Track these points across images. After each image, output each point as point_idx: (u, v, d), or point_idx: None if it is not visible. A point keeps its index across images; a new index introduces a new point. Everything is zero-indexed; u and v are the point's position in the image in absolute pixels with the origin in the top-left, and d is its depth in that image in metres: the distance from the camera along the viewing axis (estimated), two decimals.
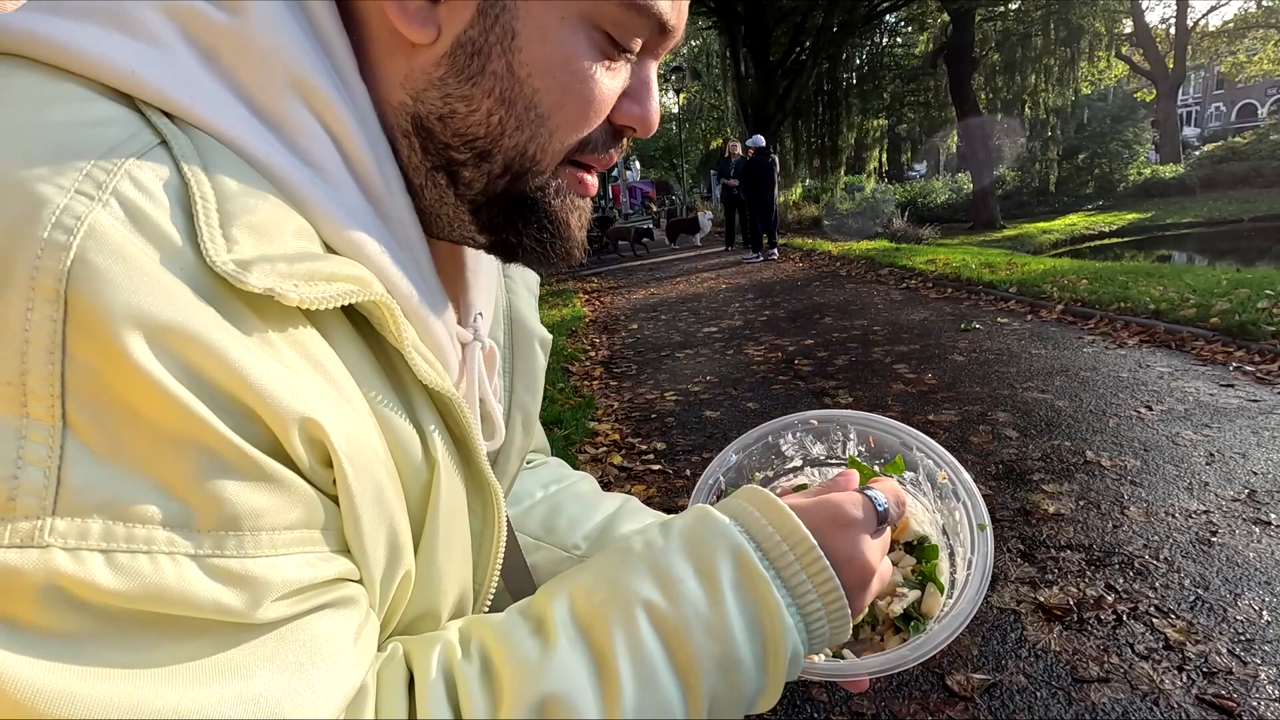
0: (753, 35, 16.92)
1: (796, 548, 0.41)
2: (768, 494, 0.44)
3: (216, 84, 0.34)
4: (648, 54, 0.43)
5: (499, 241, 0.45)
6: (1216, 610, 1.96)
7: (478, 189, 0.42)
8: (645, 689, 0.36)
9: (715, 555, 0.40)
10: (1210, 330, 4.45)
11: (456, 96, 0.39)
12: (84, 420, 0.27)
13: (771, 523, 0.42)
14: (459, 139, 0.41)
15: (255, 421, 0.30)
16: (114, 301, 0.27)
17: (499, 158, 0.41)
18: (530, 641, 0.37)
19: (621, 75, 0.42)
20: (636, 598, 0.39)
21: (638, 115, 0.44)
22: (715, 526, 0.42)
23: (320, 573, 0.33)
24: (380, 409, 0.37)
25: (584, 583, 0.40)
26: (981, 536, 0.51)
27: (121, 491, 0.27)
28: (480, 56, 0.38)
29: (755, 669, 0.39)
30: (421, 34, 0.38)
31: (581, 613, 0.39)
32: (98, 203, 0.28)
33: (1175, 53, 25.57)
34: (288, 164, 0.35)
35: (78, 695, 0.25)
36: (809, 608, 0.41)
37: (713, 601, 0.39)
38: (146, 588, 0.27)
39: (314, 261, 0.33)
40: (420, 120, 0.40)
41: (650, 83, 0.44)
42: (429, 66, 0.39)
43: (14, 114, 0.30)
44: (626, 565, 0.41)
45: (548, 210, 0.44)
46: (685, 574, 0.39)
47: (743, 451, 0.61)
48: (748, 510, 0.43)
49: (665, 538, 0.42)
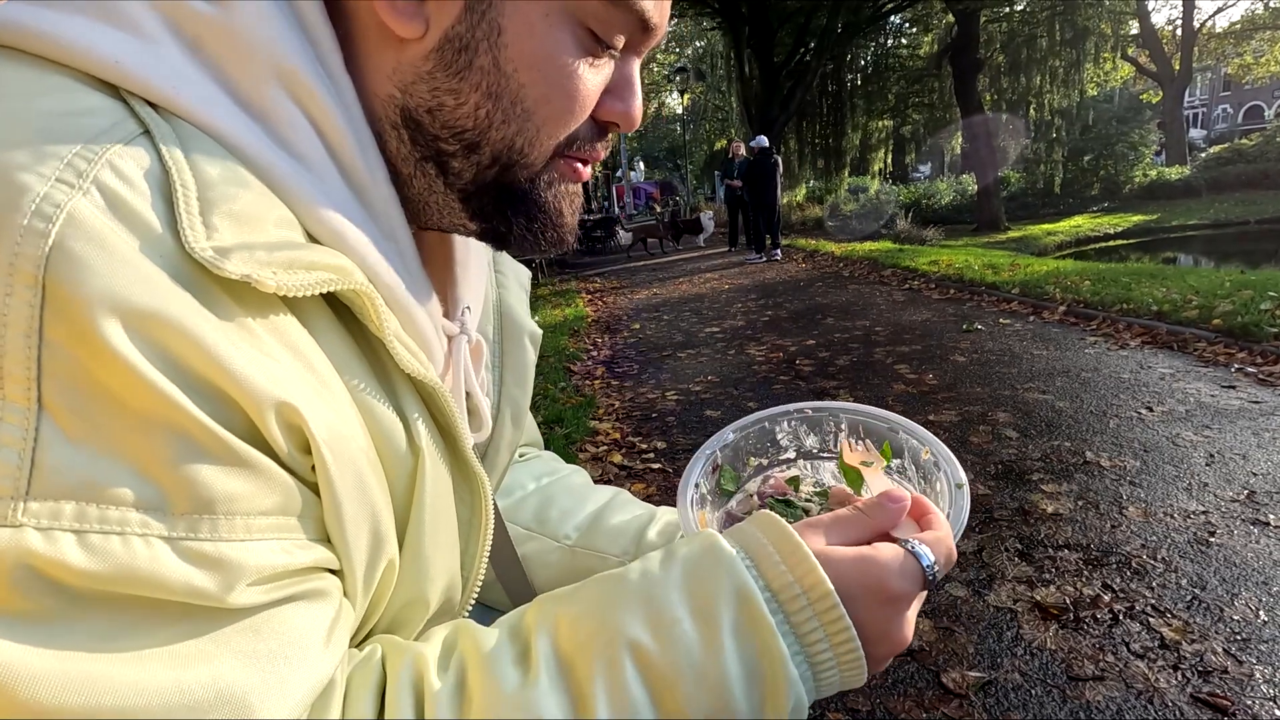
0: (757, 36, 16.89)
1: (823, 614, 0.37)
2: (785, 528, 0.40)
3: (201, 74, 0.35)
4: (630, 51, 0.44)
5: (489, 229, 0.46)
6: (1213, 610, 1.96)
7: (467, 179, 0.43)
8: None
9: (717, 594, 0.37)
10: (1213, 332, 4.43)
11: (444, 90, 0.40)
12: (59, 403, 0.27)
13: (791, 570, 0.38)
14: (447, 131, 0.41)
15: (231, 407, 0.31)
16: (91, 287, 0.27)
17: (487, 150, 0.42)
18: (511, 671, 0.36)
19: (604, 71, 0.43)
20: (623, 637, 0.36)
21: (620, 111, 0.45)
22: (720, 559, 0.38)
23: (296, 560, 0.33)
24: (363, 397, 0.38)
25: (572, 612, 0.38)
26: (959, 493, 0.51)
27: (95, 473, 0.28)
28: (468, 51, 0.39)
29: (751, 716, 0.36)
30: (410, 29, 0.39)
31: (565, 647, 0.37)
32: (78, 190, 0.28)
33: (1181, 54, 25.47)
34: (271, 154, 0.36)
35: (42, 675, 0.26)
36: (818, 657, 0.37)
37: (709, 647, 0.36)
38: (118, 568, 0.27)
39: (294, 250, 0.34)
40: (409, 112, 0.41)
41: (633, 79, 0.45)
42: (417, 60, 0.40)
43: (4, 105, 0.31)
44: (619, 597, 0.38)
45: (538, 200, 0.45)
46: (681, 614, 0.36)
47: (740, 432, 0.62)
48: (760, 544, 0.39)
49: (665, 568, 0.39)
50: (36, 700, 0.26)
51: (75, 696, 0.26)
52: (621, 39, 0.42)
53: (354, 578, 0.37)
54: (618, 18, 0.40)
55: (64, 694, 0.26)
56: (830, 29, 16.58)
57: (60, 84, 0.32)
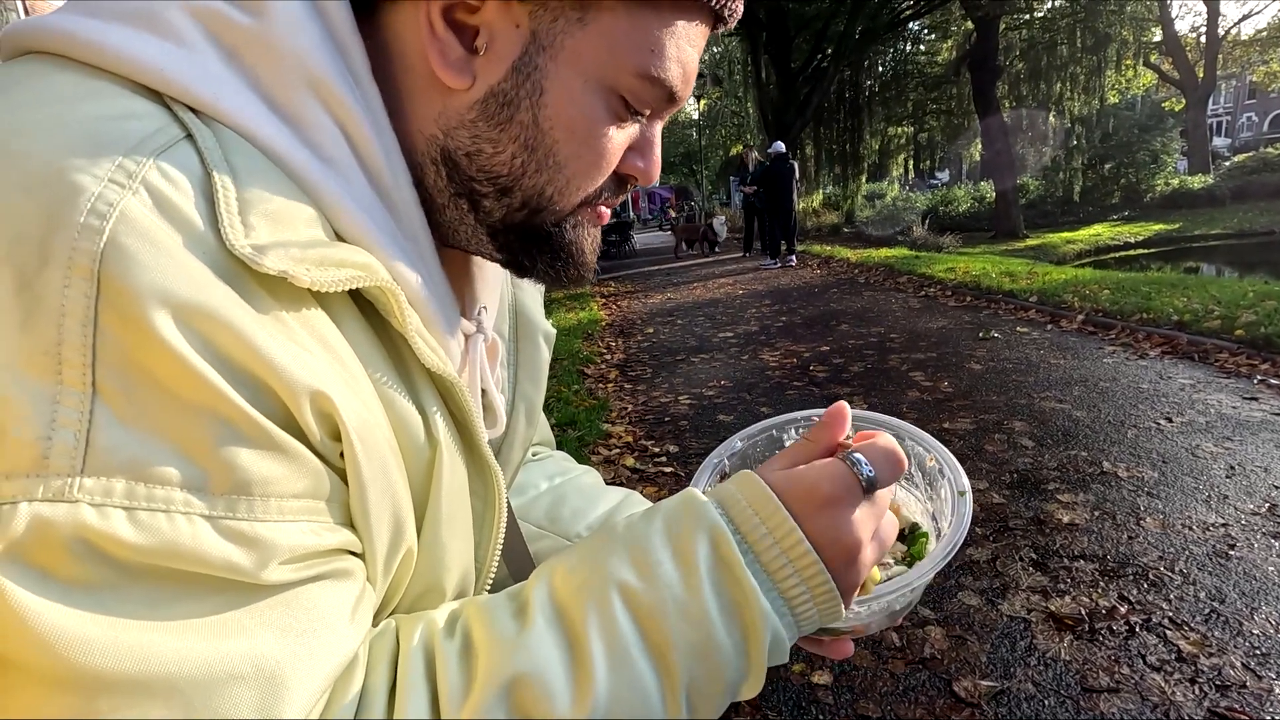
0: (774, 42, 16.88)
1: (775, 530, 0.40)
2: (752, 475, 0.43)
3: (238, 81, 0.37)
4: (655, 116, 0.48)
5: (513, 262, 0.49)
6: (1232, 624, 1.94)
7: (497, 217, 0.46)
8: (618, 671, 0.36)
9: (693, 536, 0.40)
10: (1235, 342, 4.37)
11: (485, 139, 0.43)
12: (111, 388, 0.29)
13: (750, 503, 0.41)
14: (483, 174, 0.44)
15: (269, 394, 0.32)
16: (142, 280, 0.29)
17: (519, 194, 0.45)
18: (510, 622, 0.38)
19: (630, 132, 0.46)
20: (612, 578, 0.38)
21: (640, 168, 0.49)
22: (696, 508, 0.41)
23: (323, 541, 0.35)
24: (385, 390, 0.39)
25: (566, 563, 0.41)
26: (960, 500, 0.51)
27: (143, 454, 0.29)
28: (510, 107, 0.42)
29: (735, 654, 0.38)
30: (458, 81, 0.41)
31: (559, 593, 0.39)
32: (128, 191, 0.30)
33: (1206, 61, 25.12)
34: (303, 156, 0.37)
35: (94, 641, 0.28)
36: (791, 591, 0.40)
37: (689, 585, 0.38)
38: (164, 543, 0.29)
39: (324, 248, 0.35)
40: (449, 153, 0.44)
41: (655, 141, 0.49)
42: (462, 109, 0.43)
43: (55, 109, 0.32)
44: (608, 546, 0.41)
45: (561, 241, 0.48)
46: (663, 556, 0.39)
47: (747, 440, 0.62)
48: (730, 491, 0.43)
49: (648, 519, 0.42)
50: (90, 665, 0.27)
51: (125, 663, 0.28)
52: (650, 109, 0.46)
53: (375, 562, 0.39)
54: (649, 90, 0.44)
55: (114, 660, 0.28)
56: (848, 35, 16.52)
57: (106, 89, 0.34)
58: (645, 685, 0.37)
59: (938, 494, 0.55)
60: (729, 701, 0.40)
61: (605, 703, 0.36)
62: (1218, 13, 25.04)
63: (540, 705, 0.35)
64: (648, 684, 0.37)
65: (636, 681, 0.37)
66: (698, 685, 0.38)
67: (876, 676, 1.87)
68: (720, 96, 28.19)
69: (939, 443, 0.56)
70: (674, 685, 0.37)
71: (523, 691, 0.35)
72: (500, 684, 0.35)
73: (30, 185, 0.29)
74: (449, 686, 0.36)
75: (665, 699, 0.37)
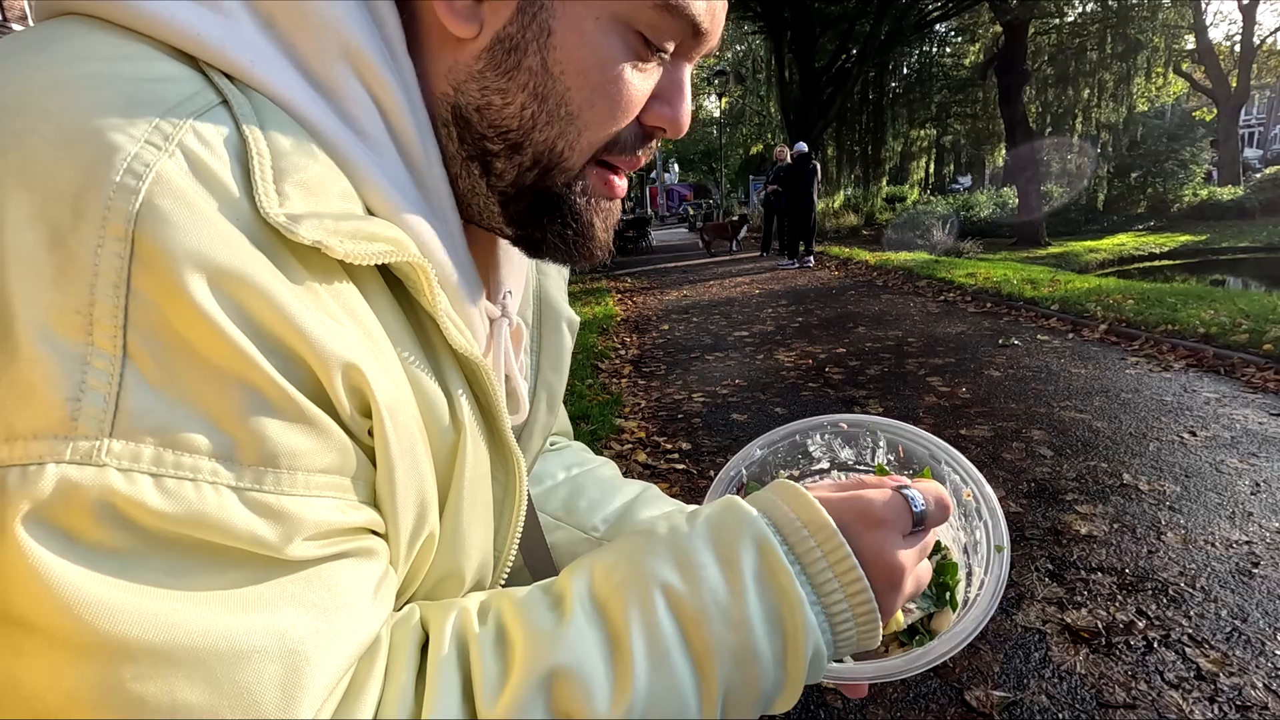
0: (799, 41, 16.78)
1: (824, 543, 0.39)
2: (796, 486, 0.42)
3: (273, 50, 0.36)
4: (681, 57, 0.45)
5: (524, 235, 0.47)
6: (1254, 643, 1.89)
7: (508, 180, 0.44)
8: (658, 670, 0.36)
9: (739, 543, 0.39)
10: (1263, 357, 4.28)
11: (493, 89, 0.41)
12: (143, 351, 0.29)
13: (798, 514, 0.40)
14: (493, 130, 0.42)
15: (300, 365, 0.32)
16: (177, 243, 0.28)
17: (529, 150, 0.43)
18: (547, 614, 0.37)
19: (653, 76, 0.43)
20: (655, 579, 0.38)
21: (668, 117, 0.45)
22: (741, 515, 0.41)
23: (348, 518, 0.34)
24: (412, 369, 0.39)
25: (605, 560, 0.40)
26: (998, 558, 0.48)
27: (173, 420, 0.29)
28: (517, 52, 0.40)
29: (774, 665, 0.38)
30: (465, 29, 0.40)
31: (599, 589, 0.38)
32: (164, 153, 0.30)
33: (1239, 71, 24.65)
34: (336, 128, 0.37)
35: (118, 608, 0.27)
36: (835, 607, 0.39)
37: (733, 590, 0.38)
38: (190, 512, 0.29)
39: (357, 221, 0.35)
40: (459, 110, 0.42)
41: (683, 85, 0.45)
42: (470, 60, 0.41)
43: (92, 67, 0.32)
44: (649, 547, 0.40)
45: (573, 207, 0.45)
46: (707, 560, 0.39)
47: (768, 448, 0.60)
48: (774, 501, 0.42)
49: (690, 524, 0.41)
50: (115, 631, 0.27)
51: (149, 632, 0.27)
52: (672, 44, 0.42)
53: (399, 543, 0.38)
54: (669, 23, 0.41)
55: (138, 628, 0.27)
56: (874, 35, 16.38)
57: (143, 52, 0.33)
58: (683, 687, 0.36)
59: (972, 532, 0.52)
60: (762, 713, 0.40)
61: (643, 702, 0.35)
62: (1254, 21, 24.56)
63: (578, 700, 0.34)
64: (686, 687, 0.36)
65: (675, 683, 0.36)
66: (734, 692, 0.37)
67: (887, 683, 1.85)
68: (742, 95, 28.07)
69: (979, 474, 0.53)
70: (711, 690, 0.37)
71: (562, 684, 0.34)
72: (539, 675, 0.34)
73: (65, 142, 0.29)
74: (484, 674, 0.35)
75: (702, 703, 0.37)
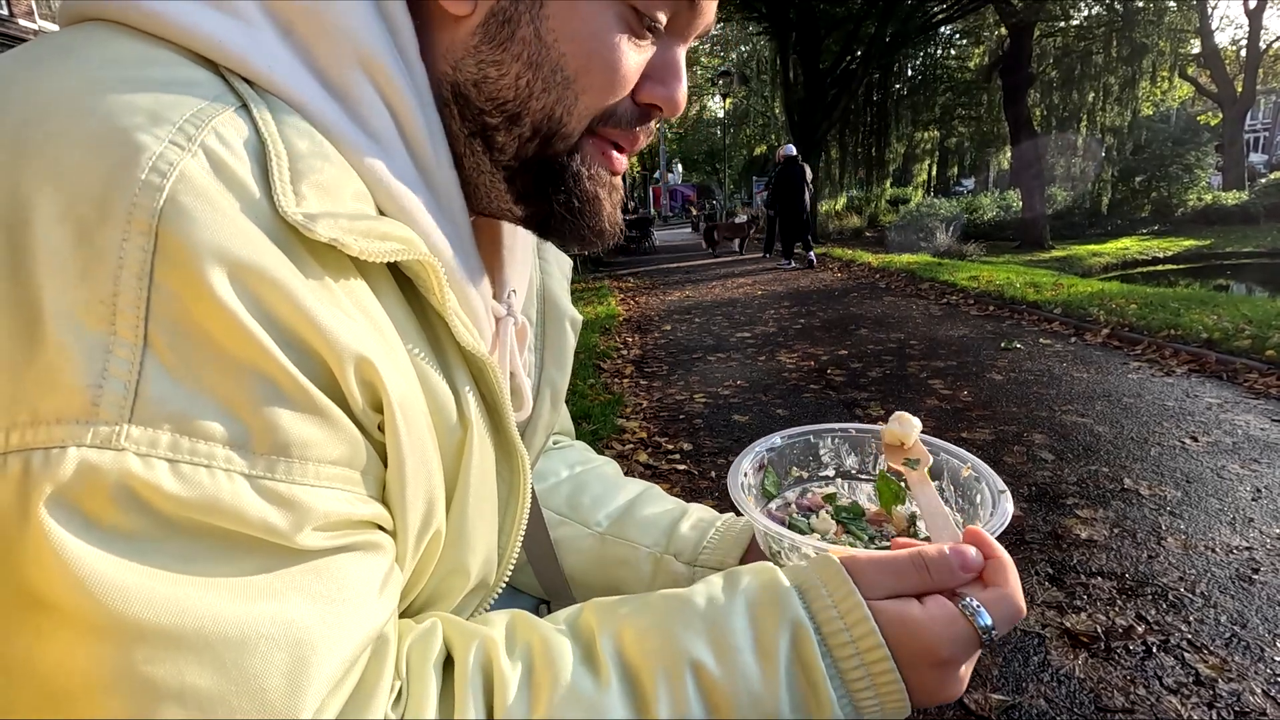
0: (803, 42, 16.75)
1: (867, 653, 0.38)
2: (841, 570, 0.41)
3: (291, 56, 0.37)
4: (675, 35, 0.46)
5: (532, 213, 0.48)
6: (1253, 649, 1.89)
7: (510, 153, 0.45)
8: None
9: (777, 628, 0.39)
10: (1265, 363, 4.27)
11: (489, 62, 0.43)
12: (163, 341, 0.30)
13: (848, 624, 0.39)
14: (491, 103, 0.43)
15: (315, 358, 0.33)
16: (199, 239, 0.30)
17: (527, 120, 0.44)
18: (580, 669, 0.38)
19: (647, 50, 0.44)
20: (688, 655, 0.38)
21: (662, 94, 0.46)
22: (780, 595, 0.40)
23: (356, 511, 0.35)
24: (421, 365, 0.40)
25: (637, 624, 0.40)
26: (1001, 497, 0.52)
27: (190, 408, 0.30)
28: (510, 24, 0.42)
29: None
30: (461, 6, 0.41)
31: (630, 655, 0.39)
32: (188, 153, 0.31)
33: (1245, 75, 24.61)
34: (350, 131, 0.38)
35: (132, 590, 0.28)
36: (863, 700, 0.38)
37: (767, 680, 0.38)
38: (204, 498, 0.30)
39: (370, 221, 0.36)
40: (459, 88, 0.43)
41: (676, 64, 0.46)
42: (466, 37, 0.42)
43: (118, 71, 0.33)
44: (684, 618, 0.40)
45: (575, 175, 0.46)
46: (744, 644, 0.39)
47: (788, 440, 0.65)
48: (815, 585, 0.41)
49: (729, 596, 0.41)
50: (129, 613, 0.28)
51: (162, 615, 0.28)
52: (664, 15, 0.44)
53: (406, 540, 0.39)
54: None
55: (151, 611, 0.28)
56: (879, 37, 16.37)
57: (166, 57, 0.35)
58: None
59: (971, 502, 0.56)
60: None
61: None
62: (1259, 26, 24.51)
63: None
64: None
65: None
66: None
67: None
68: (747, 96, 28.05)
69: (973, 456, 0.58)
70: None
71: None
72: None
73: (92, 142, 0.30)
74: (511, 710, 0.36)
75: None
